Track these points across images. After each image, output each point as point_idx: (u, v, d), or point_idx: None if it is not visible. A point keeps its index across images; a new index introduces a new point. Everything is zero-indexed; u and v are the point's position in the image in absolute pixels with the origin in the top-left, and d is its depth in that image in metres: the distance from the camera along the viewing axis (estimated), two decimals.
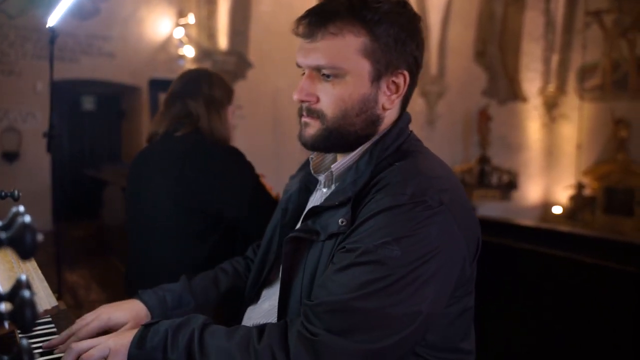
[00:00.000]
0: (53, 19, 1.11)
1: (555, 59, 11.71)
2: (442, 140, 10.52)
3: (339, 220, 0.90)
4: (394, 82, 0.95)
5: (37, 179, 6.44)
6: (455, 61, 10.53)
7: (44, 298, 0.70)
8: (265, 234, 1.21)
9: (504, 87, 11.39)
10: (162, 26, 7.85)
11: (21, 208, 0.50)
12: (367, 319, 0.80)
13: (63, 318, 1.17)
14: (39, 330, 1.10)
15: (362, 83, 0.93)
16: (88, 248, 6.26)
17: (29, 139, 6.77)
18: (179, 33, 7.82)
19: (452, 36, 10.35)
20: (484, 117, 10.82)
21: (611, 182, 10.59)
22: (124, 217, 1.91)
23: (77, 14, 7.19)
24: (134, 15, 7.63)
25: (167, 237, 1.69)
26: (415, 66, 0.97)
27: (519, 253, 2.29)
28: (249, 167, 1.73)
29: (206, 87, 1.77)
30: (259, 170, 1.80)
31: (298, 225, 1.04)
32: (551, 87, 11.73)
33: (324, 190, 1.06)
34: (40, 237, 0.45)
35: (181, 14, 7.90)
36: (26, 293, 0.44)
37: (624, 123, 10.42)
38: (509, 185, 11.03)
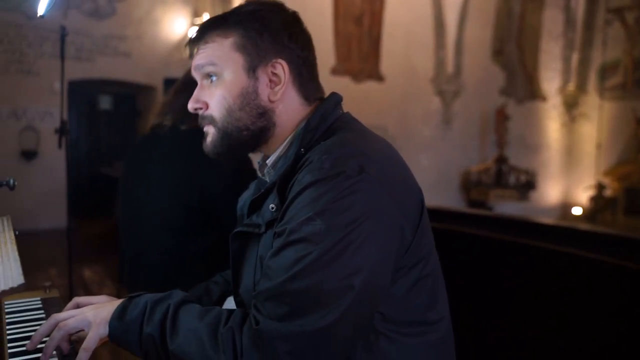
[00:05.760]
0: (42, 8, 1.10)
1: (575, 57, 11.55)
2: (458, 139, 10.44)
3: (270, 207, 0.93)
4: (273, 73, 0.99)
5: (54, 177, 6.55)
6: (472, 60, 10.43)
7: (14, 277, 0.71)
8: None
9: (522, 86, 11.25)
10: (177, 26, 7.92)
11: None
12: (301, 299, 0.79)
13: (53, 305, 1.18)
14: (27, 315, 1.11)
15: (239, 76, 0.98)
16: (103, 245, 6.34)
17: (46, 137, 6.87)
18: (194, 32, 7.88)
19: (468, 35, 10.25)
20: (501, 116, 10.71)
21: (632, 183, 10.38)
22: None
23: (94, 15, 7.30)
24: (149, 16, 7.71)
25: (162, 232, 1.66)
26: (295, 56, 1.01)
27: (538, 252, 2.25)
28: (251, 171, 1.66)
29: None
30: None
31: None
32: (571, 86, 11.56)
33: None
34: None
35: (196, 13, 7.96)
36: None
37: None
38: (527, 186, 10.88)
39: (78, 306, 1.07)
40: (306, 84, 1.03)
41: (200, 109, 1.02)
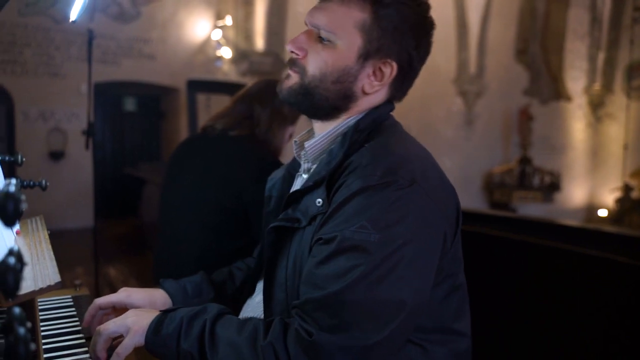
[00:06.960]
0: (74, 13, 1.14)
1: (601, 56, 11.33)
2: (481, 140, 10.33)
3: (317, 201, 0.91)
4: (380, 68, 0.96)
5: (80, 177, 6.68)
6: (495, 60, 10.31)
7: (50, 275, 0.73)
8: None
9: (547, 86, 11.08)
10: (200, 28, 8.00)
11: (13, 180, 0.51)
12: (357, 311, 0.78)
13: (84, 303, 1.22)
14: (59, 312, 1.14)
15: (349, 55, 0.95)
16: (127, 244, 6.43)
17: (73, 138, 7.01)
18: (217, 35, 7.95)
19: (491, 34, 10.14)
20: (524, 117, 10.56)
21: None
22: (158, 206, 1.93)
23: (119, 18, 7.43)
24: (173, 18, 7.81)
25: (199, 230, 1.70)
26: (407, 64, 0.97)
27: (563, 254, 2.22)
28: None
29: (278, 100, 1.78)
30: None
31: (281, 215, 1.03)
32: (597, 86, 11.35)
33: (304, 176, 1.06)
34: (24, 206, 0.46)
35: (219, 16, 8.03)
36: (11, 260, 0.45)
37: None
38: (552, 187, 10.71)
39: (100, 308, 1.08)
40: (400, 89, 1.01)
41: (297, 55, 0.98)
